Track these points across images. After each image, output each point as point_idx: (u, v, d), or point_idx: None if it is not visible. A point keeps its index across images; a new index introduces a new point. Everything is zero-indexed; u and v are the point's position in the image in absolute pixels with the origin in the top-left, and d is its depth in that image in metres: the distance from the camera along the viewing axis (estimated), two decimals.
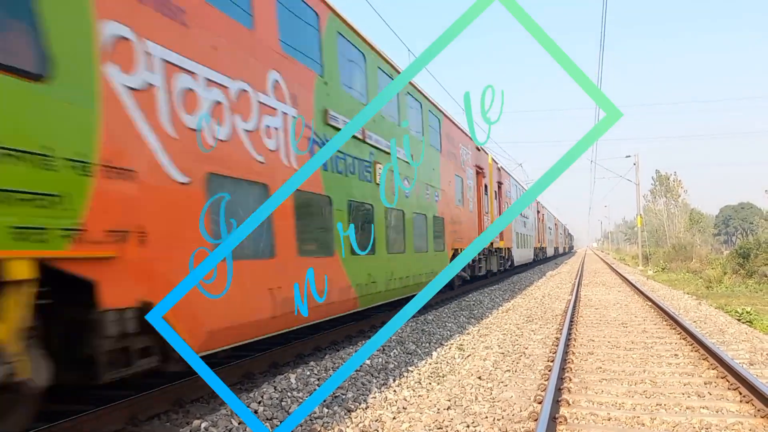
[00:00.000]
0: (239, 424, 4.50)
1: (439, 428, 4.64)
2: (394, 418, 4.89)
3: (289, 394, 5.34)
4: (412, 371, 6.66)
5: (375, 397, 5.51)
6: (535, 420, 4.64)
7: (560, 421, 4.72)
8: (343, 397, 5.48)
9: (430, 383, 6.12)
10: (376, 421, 4.80)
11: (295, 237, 6.27)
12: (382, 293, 8.80)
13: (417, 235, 10.59)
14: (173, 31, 4.66)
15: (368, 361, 6.81)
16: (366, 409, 5.15)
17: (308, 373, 6.04)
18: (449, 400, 5.38)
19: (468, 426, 4.66)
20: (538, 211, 37.09)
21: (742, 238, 54.17)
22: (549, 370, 6.40)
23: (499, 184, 21.12)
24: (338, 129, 7.36)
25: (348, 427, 4.66)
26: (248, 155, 5.55)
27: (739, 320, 10.63)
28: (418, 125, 11.14)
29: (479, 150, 17.12)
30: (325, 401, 5.29)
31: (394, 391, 5.78)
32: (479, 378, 6.28)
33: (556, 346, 7.82)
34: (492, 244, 18.35)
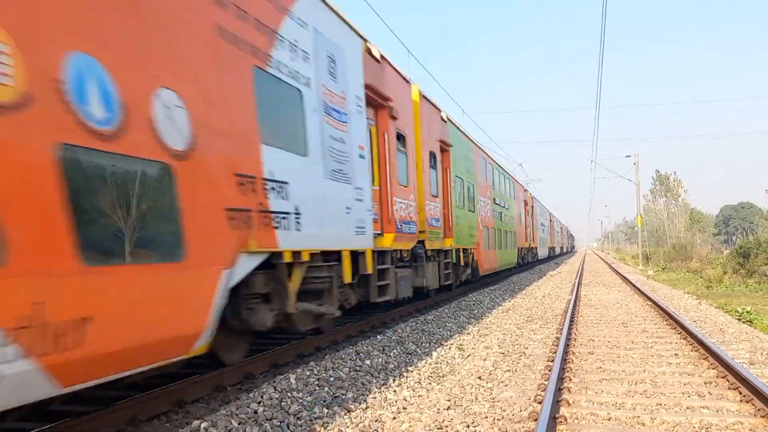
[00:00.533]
0: (239, 424, 4.50)
1: (439, 428, 4.63)
2: (394, 418, 4.89)
3: (289, 394, 5.34)
4: (412, 371, 6.66)
5: (375, 397, 5.51)
6: (535, 420, 4.63)
7: (560, 421, 4.71)
8: (343, 397, 5.48)
9: (430, 383, 6.12)
10: (375, 421, 4.80)
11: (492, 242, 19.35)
12: (500, 266, 20.86)
13: (509, 240, 23.06)
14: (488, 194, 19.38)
15: (368, 361, 6.81)
16: (366, 409, 5.15)
17: (308, 373, 6.04)
18: (449, 400, 5.38)
19: (468, 426, 4.66)
20: (551, 220, 48.47)
21: (743, 237, 54.20)
22: (549, 370, 6.40)
23: (532, 207, 33.90)
24: (499, 204, 20.81)
25: (348, 427, 4.66)
26: (488, 218, 18.67)
27: (739, 320, 10.64)
28: (507, 189, 23.69)
29: (525, 190, 31.44)
30: (324, 401, 5.29)
31: (394, 391, 5.78)
32: (479, 378, 6.28)
33: (556, 345, 7.82)
34: (530, 244, 32.07)
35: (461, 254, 14.63)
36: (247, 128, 5.33)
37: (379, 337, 8.31)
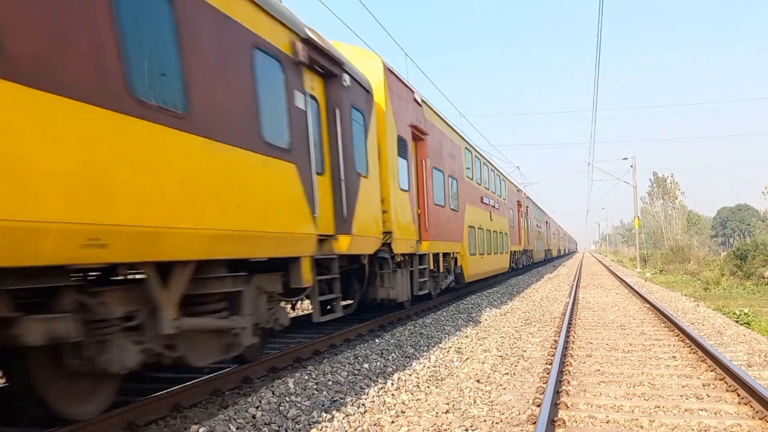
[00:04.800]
0: (237, 429, 4.49)
1: None
2: (392, 422, 4.88)
3: (287, 398, 5.33)
4: (410, 375, 6.65)
5: (373, 401, 5.51)
6: (534, 423, 4.63)
7: (559, 424, 4.71)
8: (342, 401, 5.47)
9: (428, 387, 6.11)
10: (374, 425, 4.80)
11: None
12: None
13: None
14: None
15: (366, 365, 6.80)
16: (364, 413, 5.14)
17: (306, 377, 6.03)
18: (447, 404, 5.38)
19: (466, 430, 4.66)
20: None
21: (740, 239, 54.36)
22: (547, 373, 6.40)
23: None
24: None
25: (346, 431, 4.65)
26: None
27: (737, 322, 10.65)
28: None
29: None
30: (323, 405, 5.28)
31: (393, 395, 5.77)
32: (478, 381, 6.28)
33: (555, 348, 7.82)
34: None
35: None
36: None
37: (377, 340, 8.30)
